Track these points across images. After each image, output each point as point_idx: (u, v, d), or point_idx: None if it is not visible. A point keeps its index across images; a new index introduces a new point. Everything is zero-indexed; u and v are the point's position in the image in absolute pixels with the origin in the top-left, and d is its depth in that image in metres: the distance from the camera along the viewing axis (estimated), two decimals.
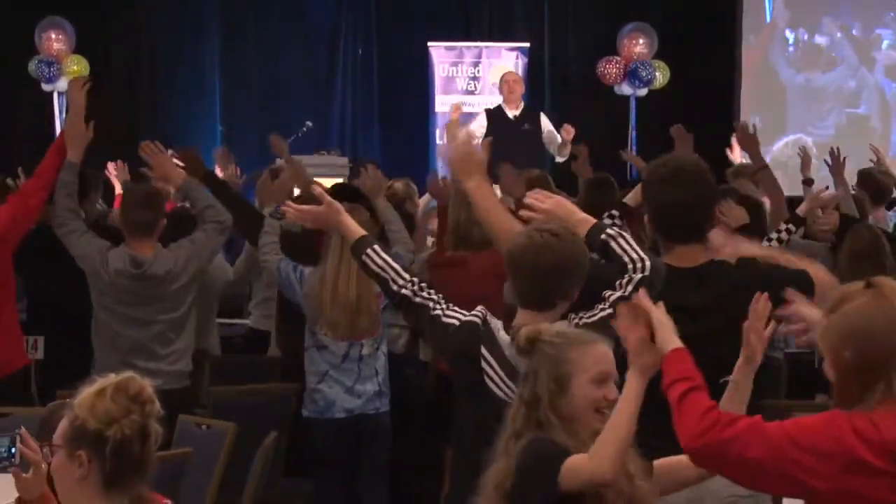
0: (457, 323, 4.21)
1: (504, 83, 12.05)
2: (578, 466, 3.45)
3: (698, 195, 4.48)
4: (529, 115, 11.69)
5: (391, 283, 4.30)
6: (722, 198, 6.64)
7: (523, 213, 4.44)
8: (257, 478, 5.89)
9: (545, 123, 11.65)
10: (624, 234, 4.26)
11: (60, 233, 6.55)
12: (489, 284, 5.90)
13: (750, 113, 13.71)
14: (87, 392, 3.35)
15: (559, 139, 11.41)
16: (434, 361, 6.95)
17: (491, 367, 4.13)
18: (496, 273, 5.60)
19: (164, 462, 3.55)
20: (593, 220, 4.34)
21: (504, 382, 4.10)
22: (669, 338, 3.50)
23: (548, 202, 4.38)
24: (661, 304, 3.58)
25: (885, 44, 13.84)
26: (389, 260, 4.34)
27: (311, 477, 6.70)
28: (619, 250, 4.20)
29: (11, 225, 6.52)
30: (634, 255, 4.17)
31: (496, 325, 4.18)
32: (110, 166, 9.48)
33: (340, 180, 10.51)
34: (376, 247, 4.37)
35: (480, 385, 4.13)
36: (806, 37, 14.03)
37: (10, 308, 6.62)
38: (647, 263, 4.16)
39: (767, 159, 8.07)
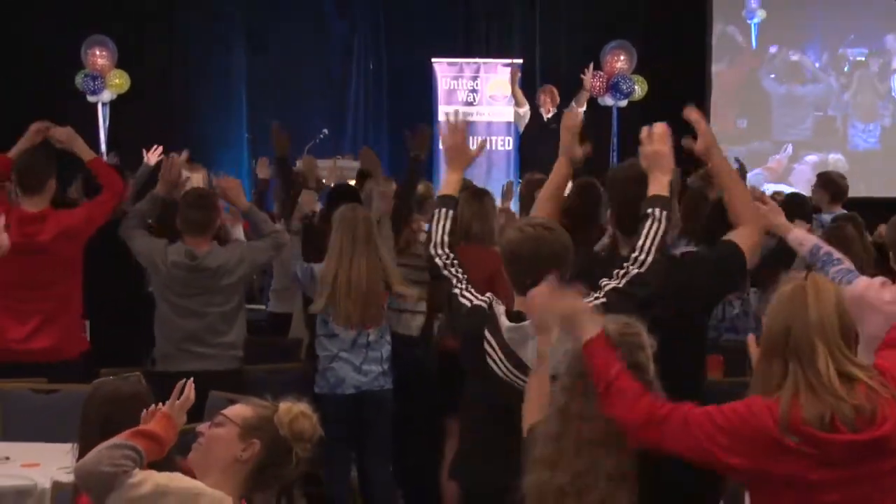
0: (469, 305, 4.19)
1: (540, 92, 12.15)
2: None
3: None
4: (560, 116, 11.76)
5: (433, 244, 4.32)
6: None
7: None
8: None
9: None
10: (661, 224, 4.05)
11: (125, 236, 6.66)
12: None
13: (735, 118, 13.75)
14: (296, 407, 3.46)
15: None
16: (438, 340, 6.94)
17: (492, 348, 4.10)
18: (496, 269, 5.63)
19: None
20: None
21: (503, 363, 4.07)
22: (587, 326, 3.40)
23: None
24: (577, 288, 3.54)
25: (848, 61, 13.83)
26: (446, 228, 4.36)
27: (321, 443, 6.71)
28: (642, 235, 4.06)
29: (84, 224, 6.65)
30: (644, 248, 4.04)
31: (500, 310, 4.14)
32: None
33: (353, 181, 10.57)
34: (452, 212, 4.40)
35: (483, 364, 4.11)
36: (787, 55, 14.04)
37: (78, 297, 6.70)
38: (649, 260, 4.03)
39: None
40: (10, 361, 6.44)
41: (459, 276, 4.27)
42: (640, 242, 4.05)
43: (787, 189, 12.64)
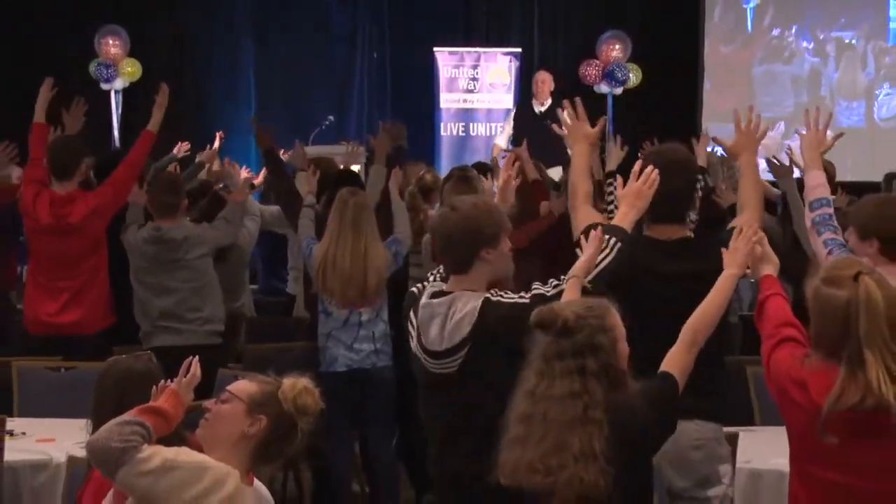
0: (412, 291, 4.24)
1: (534, 81, 12.02)
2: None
3: (679, 187, 4.36)
4: (554, 109, 11.63)
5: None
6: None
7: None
8: None
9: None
10: (611, 252, 4.03)
11: (125, 227, 6.87)
12: None
13: (729, 100, 13.73)
14: (299, 382, 3.45)
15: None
16: None
17: (412, 325, 4.12)
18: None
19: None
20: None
21: (415, 339, 4.09)
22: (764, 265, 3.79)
23: None
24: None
25: (836, 43, 13.82)
26: None
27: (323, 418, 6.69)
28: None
29: (111, 202, 6.85)
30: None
31: (429, 291, 4.13)
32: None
33: (358, 167, 10.56)
34: None
35: (408, 344, 4.15)
36: (780, 38, 14.00)
37: (104, 273, 6.82)
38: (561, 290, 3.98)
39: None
40: (42, 333, 6.69)
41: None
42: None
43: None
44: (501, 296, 3.99)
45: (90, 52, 13.64)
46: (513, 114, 11.87)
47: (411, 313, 4.13)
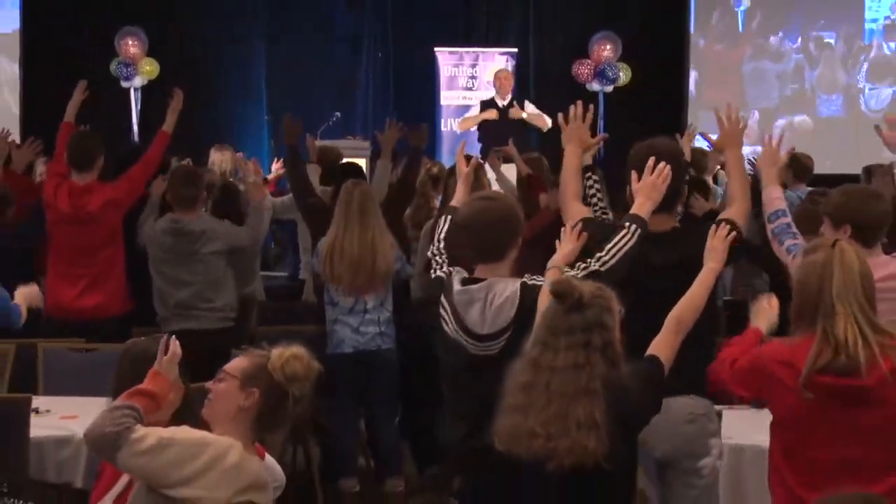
0: (432, 275, 4.26)
1: (496, 78, 12.11)
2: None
3: (673, 174, 4.31)
4: (514, 104, 11.68)
5: (433, 244, 4.38)
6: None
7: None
8: None
9: (529, 108, 11.68)
10: (633, 238, 4.11)
11: (142, 222, 6.92)
12: None
13: (716, 96, 13.80)
14: (287, 351, 3.43)
15: (547, 120, 11.46)
16: None
17: (445, 310, 4.12)
18: None
19: None
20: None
21: (452, 322, 4.09)
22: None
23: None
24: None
25: (817, 43, 13.95)
26: (443, 233, 4.37)
27: (332, 397, 6.74)
28: (613, 241, 4.11)
29: (127, 195, 6.86)
30: (611, 252, 4.08)
31: (457, 278, 4.16)
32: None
33: (363, 160, 10.61)
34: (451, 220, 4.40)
35: (439, 326, 4.14)
36: (767, 39, 14.10)
37: (121, 266, 6.82)
38: (611, 263, 4.06)
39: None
40: (62, 318, 6.67)
41: (441, 261, 4.29)
42: (609, 246, 4.10)
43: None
44: (535, 280, 4.04)
45: (111, 52, 13.67)
46: (479, 104, 11.97)
47: (443, 298, 4.14)
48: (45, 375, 6.14)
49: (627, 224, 4.13)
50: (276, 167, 9.60)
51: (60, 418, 5.26)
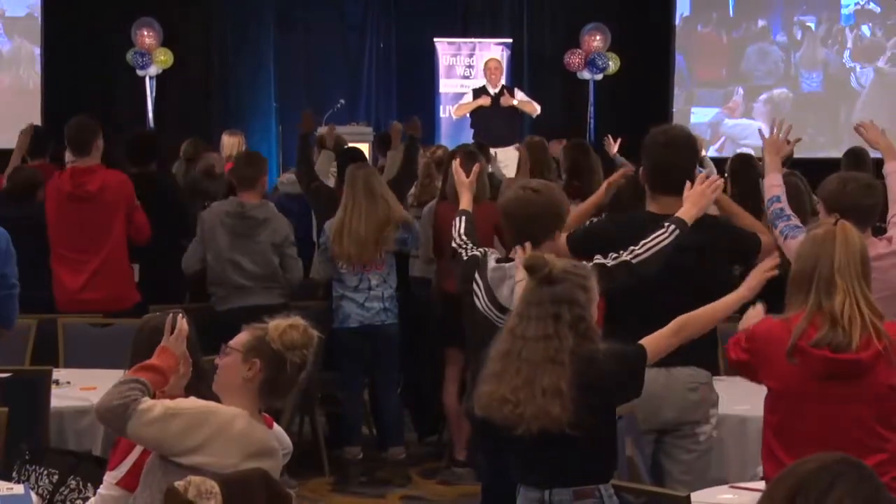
0: (467, 255, 4.24)
1: (486, 68, 12.04)
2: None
3: (683, 158, 4.38)
4: (505, 91, 11.62)
5: (455, 237, 4.34)
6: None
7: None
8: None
9: (520, 95, 11.64)
10: (669, 237, 4.04)
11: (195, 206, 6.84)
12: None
13: (704, 77, 13.95)
14: (284, 321, 3.39)
15: (537, 107, 11.44)
16: (438, 283, 6.86)
17: (478, 286, 4.11)
18: (493, 222, 5.61)
19: None
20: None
21: (484, 299, 4.09)
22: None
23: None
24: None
25: (799, 26, 14.04)
26: (462, 229, 4.33)
27: (338, 370, 6.71)
28: (650, 236, 4.05)
29: (126, 224, 6.52)
30: (646, 246, 4.03)
31: (492, 257, 4.17)
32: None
33: (367, 145, 10.58)
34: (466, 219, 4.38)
35: (472, 301, 4.13)
36: (754, 24, 14.13)
37: (125, 251, 6.53)
38: (643, 256, 4.00)
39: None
40: (68, 310, 6.38)
41: (468, 246, 4.27)
42: (645, 241, 4.05)
43: (751, 123, 13.11)
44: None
45: (127, 42, 13.59)
46: (471, 92, 11.91)
47: (477, 275, 4.13)
48: (66, 349, 6.10)
49: (667, 224, 4.09)
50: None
51: (80, 389, 5.22)
